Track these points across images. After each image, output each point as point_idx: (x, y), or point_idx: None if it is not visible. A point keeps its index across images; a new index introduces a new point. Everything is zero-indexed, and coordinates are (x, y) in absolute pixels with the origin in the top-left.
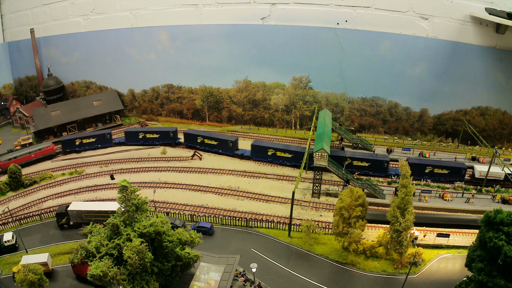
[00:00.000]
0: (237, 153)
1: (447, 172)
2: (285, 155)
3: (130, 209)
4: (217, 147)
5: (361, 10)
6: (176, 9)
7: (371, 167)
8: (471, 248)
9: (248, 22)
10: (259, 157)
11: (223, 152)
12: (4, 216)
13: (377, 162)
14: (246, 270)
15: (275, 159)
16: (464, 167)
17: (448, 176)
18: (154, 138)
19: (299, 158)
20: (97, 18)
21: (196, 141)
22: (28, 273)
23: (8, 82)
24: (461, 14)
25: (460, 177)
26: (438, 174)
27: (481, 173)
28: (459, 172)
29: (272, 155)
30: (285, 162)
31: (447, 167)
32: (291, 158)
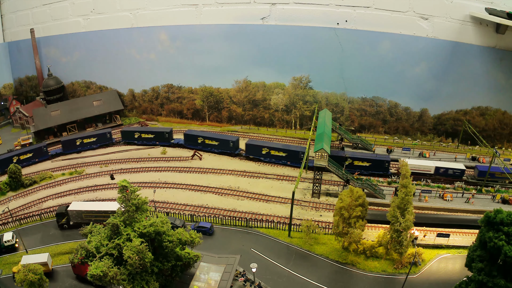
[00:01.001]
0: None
1: (369, 164)
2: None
3: (130, 209)
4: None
5: (361, 10)
6: (176, 9)
7: (372, 167)
8: (471, 248)
9: (248, 22)
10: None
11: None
12: (4, 216)
13: (378, 162)
14: (246, 270)
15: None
16: (388, 160)
17: (371, 169)
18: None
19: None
20: (97, 18)
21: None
22: (28, 273)
23: (8, 82)
24: (461, 14)
25: (384, 170)
26: (360, 166)
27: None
28: (382, 165)
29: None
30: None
31: (368, 159)
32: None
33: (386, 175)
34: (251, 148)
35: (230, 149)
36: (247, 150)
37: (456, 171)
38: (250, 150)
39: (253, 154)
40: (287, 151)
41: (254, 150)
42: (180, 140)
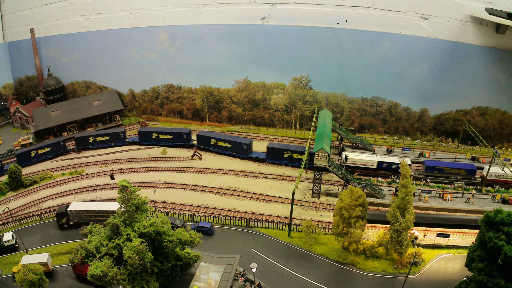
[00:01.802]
0: (251, 156)
1: (230, 145)
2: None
3: (130, 209)
4: (231, 149)
5: (361, 10)
6: (176, 9)
7: (233, 148)
8: (471, 248)
9: (248, 22)
10: (273, 159)
11: (237, 155)
12: (4, 216)
13: (237, 144)
14: (246, 270)
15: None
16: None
17: (232, 150)
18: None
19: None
20: (97, 18)
21: (209, 143)
22: (28, 273)
23: (8, 82)
24: (461, 14)
25: (243, 152)
26: (222, 146)
27: (351, 161)
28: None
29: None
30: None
31: (229, 141)
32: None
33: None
34: (201, 139)
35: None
36: (198, 140)
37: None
38: (200, 140)
39: (203, 144)
40: (232, 143)
41: (204, 141)
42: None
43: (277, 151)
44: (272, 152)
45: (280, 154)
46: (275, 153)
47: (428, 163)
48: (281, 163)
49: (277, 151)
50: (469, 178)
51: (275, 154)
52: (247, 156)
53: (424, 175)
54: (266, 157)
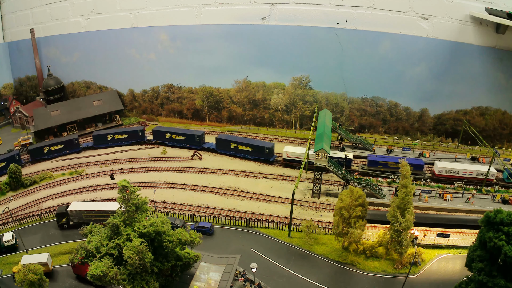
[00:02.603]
0: (203, 146)
1: (251, 150)
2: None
3: (130, 209)
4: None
5: (361, 10)
6: (176, 9)
7: (186, 140)
8: (471, 248)
9: (248, 22)
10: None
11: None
12: (4, 216)
13: (190, 136)
14: (246, 270)
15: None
16: (268, 146)
17: (253, 154)
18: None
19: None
20: (97, 18)
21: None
22: (28, 273)
23: (8, 82)
24: (461, 14)
25: (265, 156)
26: (243, 151)
27: (287, 154)
28: (262, 151)
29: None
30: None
31: (251, 145)
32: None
33: (269, 161)
34: (157, 134)
35: (265, 156)
36: (154, 136)
37: (341, 160)
38: (156, 135)
39: (159, 139)
40: (185, 135)
41: (160, 136)
42: (212, 145)
43: (225, 142)
44: (220, 143)
45: (227, 145)
46: (223, 144)
47: (371, 157)
48: (228, 153)
49: (225, 142)
50: (417, 173)
51: (223, 145)
52: (199, 147)
53: (367, 169)
54: (216, 148)
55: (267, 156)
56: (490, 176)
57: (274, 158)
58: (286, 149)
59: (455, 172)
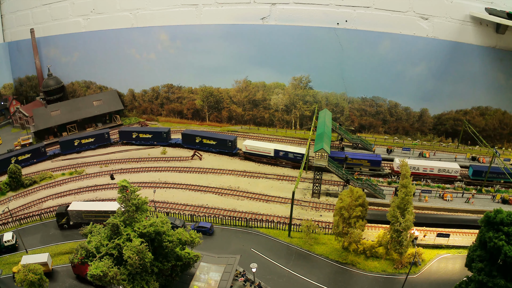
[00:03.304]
0: (170, 142)
1: (215, 143)
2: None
3: (130, 209)
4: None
5: (361, 10)
6: (176, 9)
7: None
8: (471, 248)
9: (248, 22)
10: (188, 144)
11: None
12: (4, 216)
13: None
14: (246, 270)
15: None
16: (230, 139)
17: (217, 147)
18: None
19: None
20: (97, 18)
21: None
22: (28, 273)
23: (8, 82)
24: (461, 14)
25: (228, 149)
26: (208, 144)
27: (247, 147)
28: (225, 144)
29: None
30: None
31: (215, 138)
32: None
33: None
34: (123, 134)
35: (228, 148)
36: (120, 136)
37: (296, 155)
38: (122, 136)
39: (126, 139)
40: (152, 133)
41: (126, 136)
42: (178, 140)
43: (190, 136)
44: (186, 138)
45: (193, 140)
46: (188, 138)
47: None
48: (193, 147)
49: (190, 137)
50: (375, 169)
51: (189, 140)
52: (167, 143)
53: None
54: (182, 143)
55: (230, 149)
56: (454, 173)
57: (236, 151)
58: (246, 142)
59: (414, 168)
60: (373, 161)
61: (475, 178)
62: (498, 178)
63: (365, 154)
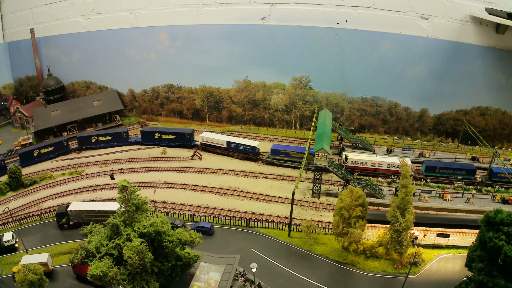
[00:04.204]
0: (130, 141)
1: (174, 137)
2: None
3: (130, 209)
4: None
5: (361, 10)
6: (176, 9)
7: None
8: (471, 248)
9: (248, 22)
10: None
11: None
12: (4, 216)
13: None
14: (246, 270)
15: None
16: (188, 132)
17: (176, 141)
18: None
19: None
20: (97, 18)
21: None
22: (28, 273)
23: (8, 82)
24: (461, 14)
25: (186, 141)
26: (167, 139)
27: (203, 139)
28: (184, 137)
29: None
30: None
31: (173, 132)
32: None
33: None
34: (82, 140)
35: (186, 141)
36: (79, 142)
37: (246, 147)
38: (81, 141)
39: (85, 144)
40: (112, 134)
41: (85, 141)
42: (138, 138)
43: (149, 133)
44: (145, 135)
45: (152, 136)
46: (148, 135)
47: (274, 147)
48: (153, 143)
49: (149, 134)
50: None
51: (148, 137)
52: (127, 142)
53: (271, 158)
54: (141, 140)
55: (188, 141)
56: None
57: (194, 143)
58: (202, 134)
59: (362, 163)
60: None
61: (428, 174)
62: (453, 174)
63: (302, 148)
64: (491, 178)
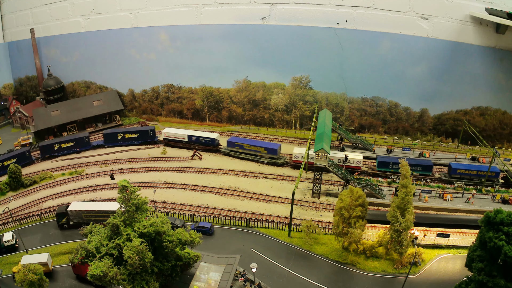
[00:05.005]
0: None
1: (137, 135)
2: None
3: (130, 209)
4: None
5: (361, 10)
6: (176, 9)
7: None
8: (471, 248)
9: (248, 22)
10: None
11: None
12: (4, 216)
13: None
14: (246, 270)
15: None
16: (151, 129)
17: (139, 139)
18: None
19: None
20: (97, 18)
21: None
22: (28, 273)
23: (8, 82)
24: (461, 14)
25: (149, 138)
26: (130, 138)
27: (165, 134)
28: (147, 134)
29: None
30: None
31: (135, 131)
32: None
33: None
34: (44, 149)
35: (149, 137)
36: (41, 152)
37: (207, 139)
38: (43, 151)
39: (48, 153)
40: (74, 140)
41: (48, 150)
42: (100, 141)
43: (112, 135)
44: (108, 137)
45: (115, 137)
46: (110, 137)
47: (230, 139)
48: (116, 144)
49: (112, 136)
50: (272, 157)
51: (111, 139)
52: (90, 147)
53: (228, 150)
54: (104, 143)
55: (151, 138)
56: (356, 164)
57: (156, 139)
58: (164, 130)
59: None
60: (270, 149)
61: (380, 170)
62: None
63: (259, 142)
64: (450, 175)
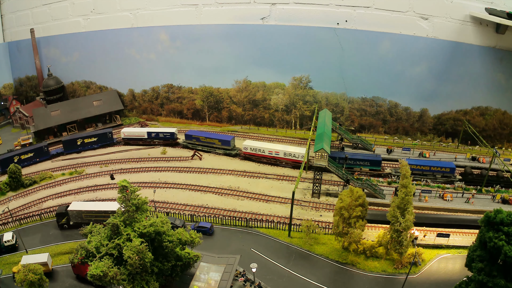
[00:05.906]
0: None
1: (96, 139)
2: (92, 139)
3: (130, 209)
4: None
5: (361, 10)
6: (176, 9)
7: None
8: (471, 248)
9: (248, 22)
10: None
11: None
12: (4, 216)
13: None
14: (246, 270)
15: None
16: (110, 131)
17: (98, 142)
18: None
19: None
20: (97, 18)
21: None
22: (28, 273)
23: (8, 82)
24: (461, 14)
25: (108, 140)
26: (90, 142)
27: (124, 134)
28: (106, 136)
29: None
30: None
31: (94, 135)
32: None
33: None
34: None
35: (109, 140)
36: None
37: (166, 134)
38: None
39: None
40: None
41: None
42: (59, 149)
43: (71, 141)
44: (67, 144)
45: (74, 143)
46: (69, 144)
47: (187, 132)
48: (75, 150)
49: (71, 142)
50: (226, 148)
51: (70, 145)
52: (48, 156)
53: (186, 142)
54: (63, 150)
55: (110, 140)
56: (301, 158)
57: (115, 140)
58: (123, 130)
59: (260, 150)
60: (224, 140)
61: None
62: (356, 165)
63: (215, 134)
64: None
